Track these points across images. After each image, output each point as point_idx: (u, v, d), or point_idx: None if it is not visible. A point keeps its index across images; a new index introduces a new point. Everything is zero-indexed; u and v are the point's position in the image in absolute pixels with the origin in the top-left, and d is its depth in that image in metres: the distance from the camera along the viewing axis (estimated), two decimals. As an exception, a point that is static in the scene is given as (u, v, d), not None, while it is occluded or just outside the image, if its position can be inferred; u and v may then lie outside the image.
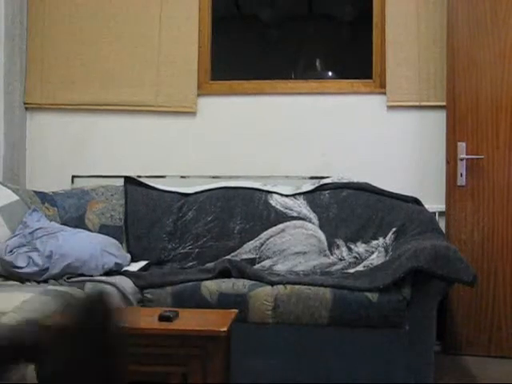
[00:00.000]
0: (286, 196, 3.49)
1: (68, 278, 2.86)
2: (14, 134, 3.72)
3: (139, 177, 3.68)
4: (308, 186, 3.54)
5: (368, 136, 3.77)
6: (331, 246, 3.34)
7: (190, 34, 3.86)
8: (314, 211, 3.43)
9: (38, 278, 2.85)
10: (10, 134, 3.71)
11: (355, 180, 3.52)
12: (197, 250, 3.37)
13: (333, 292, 2.73)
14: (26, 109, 3.94)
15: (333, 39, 4.93)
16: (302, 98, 3.83)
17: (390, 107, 3.75)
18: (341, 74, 4.62)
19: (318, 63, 5.03)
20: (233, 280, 2.88)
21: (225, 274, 2.94)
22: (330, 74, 5.01)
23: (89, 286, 2.75)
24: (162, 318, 2.17)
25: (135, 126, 3.88)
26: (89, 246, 2.99)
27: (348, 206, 3.41)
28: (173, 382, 2.14)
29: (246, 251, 3.34)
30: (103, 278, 2.88)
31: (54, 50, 3.93)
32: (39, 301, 2.32)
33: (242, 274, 2.93)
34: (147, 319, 2.21)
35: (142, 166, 3.83)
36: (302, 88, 3.88)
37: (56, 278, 2.87)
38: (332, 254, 3.32)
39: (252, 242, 3.36)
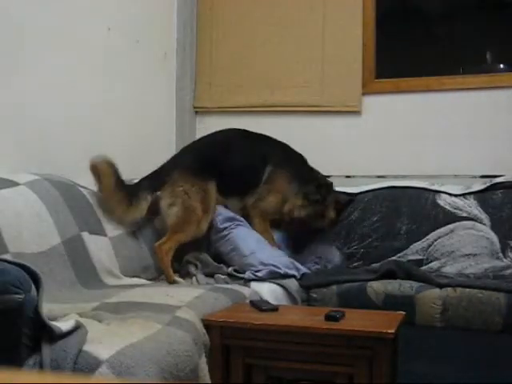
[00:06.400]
0: (455, 196, 3.36)
1: (234, 275, 2.94)
2: (185, 137, 3.90)
3: (304, 177, 3.71)
4: (479, 186, 3.39)
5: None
6: (505, 248, 3.16)
7: (354, 33, 3.83)
8: (486, 212, 3.27)
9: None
10: (181, 137, 3.89)
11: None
12: (362, 250, 3.34)
13: (507, 297, 2.59)
14: (196, 113, 4.12)
15: (505, 29, 4.67)
16: (472, 94, 3.67)
17: None
18: (512, 67, 4.37)
19: (488, 56, 4.79)
20: (399, 281, 2.82)
21: (390, 274, 2.89)
22: (501, 66, 4.75)
23: (254, 286, 2.81)
24: (328, 318, 2.17)
25: (300, 127, 3.91)
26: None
27: (524, 206, 3.23)
28: (339, 381, 2.13)
29: (413, 252, 3.26)
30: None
31: (221, 55, 4.07)
32: (209, 297, 2.41)
33: (409, 276, 2.87)
34: (314, 318, 2.22)
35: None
36: (472, 83, 3.71)
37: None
38: (505, 257, 3.15)
39: (419, 242, 3.27)
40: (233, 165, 3.19)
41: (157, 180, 3.06)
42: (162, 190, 3.03)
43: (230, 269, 2.97)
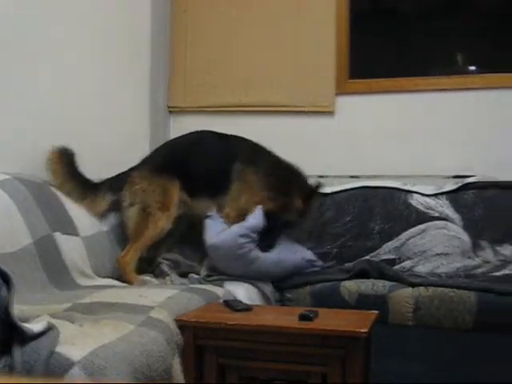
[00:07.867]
0: (428, 196, 3.39)
1: (207, 276, 2.93)
2: (159, 137, 3.89)
3: (277, 177, 3.71)
4: (451, 186, 3.42)
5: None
6: (476, 247, 3.20)
7: (327, 33, 3.84)
8: (458, 211, 3.30)
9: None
10: (155, 136, 3.87)
11: (501, 178, 3.36)
12: (335, 249, 3.35)
13: (478, 296, 2.62)
14: (170, 112, 4.11)
15: (476, 31, 4.72)
16: (444, 95, 3.70)
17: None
18: (484, 68, 4.42)
19: (459, 57, 4.84)
20: (372, 280, 2.85)
21: (363, 274, 2.91)
22: (472, 68, 4.80)
23: (227, 286, 2.80)
24: (302, 318, 2.17)
25: (274, 127, 3.91)
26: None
27: (495, 206, 3.26)
28: (313, 381, 2.14)
29: (386, 251, 3.28)
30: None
31: (195, 56, 4.06)
32: (182, 297, 2.40)
33: (382, 275, 2.89)
34: (288, 318, 2.22)
35: (280, 166, 3.86)
36: (445, 84, 3.75)
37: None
38: (477, 257, 3.19)
39: (392, 242, 3.30)
40: (198, 165, 3.16)
41: (119, 181, 3.09)
42: (123, 189, 3.06)
43: (203, 274, 2.96)
